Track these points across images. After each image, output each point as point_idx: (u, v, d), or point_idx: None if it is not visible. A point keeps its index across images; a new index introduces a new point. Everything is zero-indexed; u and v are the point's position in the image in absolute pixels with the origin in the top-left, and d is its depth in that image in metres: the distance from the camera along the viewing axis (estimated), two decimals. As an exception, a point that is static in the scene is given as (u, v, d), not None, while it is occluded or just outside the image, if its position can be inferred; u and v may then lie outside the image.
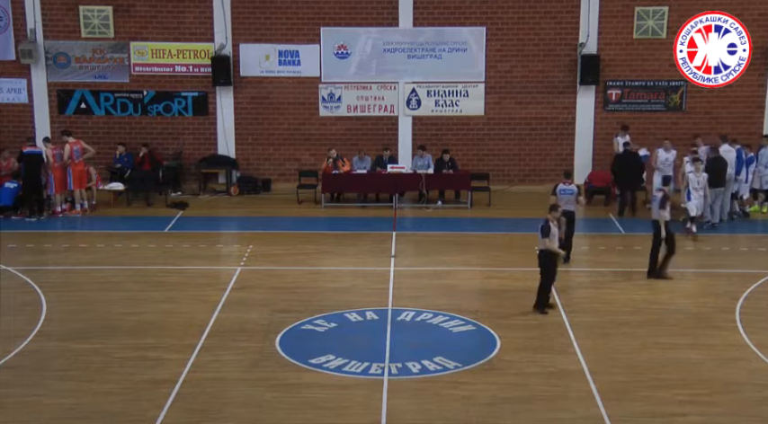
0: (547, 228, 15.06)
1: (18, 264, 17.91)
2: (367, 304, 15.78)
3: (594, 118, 24.60)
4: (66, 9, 24.24)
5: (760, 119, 24.36)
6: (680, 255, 18.43)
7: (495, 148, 24.85)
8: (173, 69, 24.63)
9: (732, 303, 15.70)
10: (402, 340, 14.15)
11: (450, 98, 24.63)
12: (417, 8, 24.18)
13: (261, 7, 24.29)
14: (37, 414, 11.78)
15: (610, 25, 24.07)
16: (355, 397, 12.22)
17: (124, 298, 16.15)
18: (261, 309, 15.48)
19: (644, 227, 20.38)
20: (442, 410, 11.87)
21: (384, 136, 24.65)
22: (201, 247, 19.40)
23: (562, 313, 15.33)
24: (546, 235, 15.03)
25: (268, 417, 11.73)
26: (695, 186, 19.65)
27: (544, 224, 15.09)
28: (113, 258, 18.59)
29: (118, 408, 11.91)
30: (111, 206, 23.02)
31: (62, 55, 24.45)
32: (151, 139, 24.68)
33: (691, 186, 19.64)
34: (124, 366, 13.20)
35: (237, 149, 24.98)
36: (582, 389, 12.51)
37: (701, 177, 19.78)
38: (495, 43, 24.31)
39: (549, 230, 15.04)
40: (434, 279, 17.28)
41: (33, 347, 13.92)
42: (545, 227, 15.06)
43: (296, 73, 24.57)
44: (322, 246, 19.78)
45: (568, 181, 18.34)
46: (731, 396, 12.27)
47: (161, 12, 24.31)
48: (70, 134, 22.51)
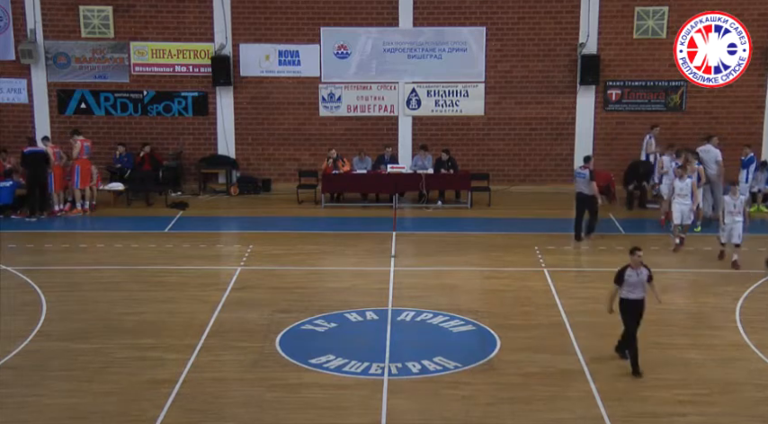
0: (619, 276, 13.00)
1: (18, 264, 17.91)
2: (367, 304, 15.78)
3: (594, 118, 24.60)
4: (66, 9, 24.22)
5: (760, 119, 24.35)
6: (680, 255, 18.46)
7: (495, 148, 24.85)
8: (173, 69, 24.63)
9: (732, 303, 15.70)
10: (402, 340, 14.15)
11: (450, 98, 24.63)
12: (417, 8, 24.17)
13: (261, 7, 24.29)
14: (37, 414, 11.78)
15: (610, 25, 24.07)
16: (355, 397, 12.23)
17: (124, 298, 16.15)
18: (261, 309, 15.48)
19: (644, 227, 20.44)
20: (442, 410, 11.87)
21: (384, 136, 24.64)
22: (201, 247, 19.40)
23: (562, 313, 15.33)
24: (617, 283, 13.01)
25: (268, 417, 11.74)
26: (731, 210, 17.90)
27: (620, 270, 13.03)
28: (113, 258, 18.59)
29: (118, 408, 11.92)
30: (111, 206, 23.01)
31: (62, 55, 24.45)
32: (151, 139, 24.66)
33: (726, 209, 18.08)
34: (124, 366, 13.21)
35: (237, 149, 24.97)
36: (582, 389, 12.51)
37: (738, 200, 17.95)
38: (495, 43, 24.31)
39: (620, 279, 12.97)
40: (434, 279, 17.27)
41: (33, 347, 13.92)
42: (618, 274, 13.00)
43: (296, 73, 24.57)
44: (322, 246, 19.78)
45: (585, 165, 19.59)
46: (731, 396, 12.28)
47: (161, 12, 24.31)
48: (80, 132, 22.65)
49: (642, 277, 12.93)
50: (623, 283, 12.90)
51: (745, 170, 22.21)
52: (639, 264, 12.94)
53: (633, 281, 12.89)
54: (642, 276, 12.93)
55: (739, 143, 23.12)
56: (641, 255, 12.99)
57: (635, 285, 12.91)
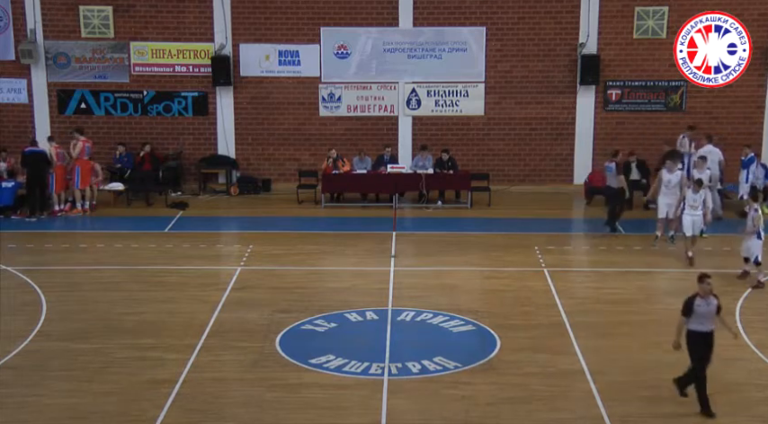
0: (687, 306, 11.83)
1: (18, 264, 17.90)
2: (367, 304, 15.78)
3: (594, 118, 24.60)
4: (66, 9, 24.22)
5: (760, 119, 24.36)
6: (680, 255, 18.44)
7: (495, 148, 24.85)
8: (173, 69, 24.62)
9: (732, 303, 15.68)
10: (402, 340, 14.15)
11: (450, 98, 24.62)
12: (417, 8, 24.17)
13: (261, 7, 24.29)
14: (37, 414, 11.79)
15: (610, 25, 24.07)
16: (355, 397, 12.23)
17: (124, 298, 16.15)
18: (261, 309, 15.48)
19: (644, 227, 20.42)
20: (442, 410, 11.87)
21: (384, 136, 24.64)
22: (201, 247, 19.40)
23: (562, 313, 15.32)
24: (685, 314, 11.84)
25: (268, 417, 11.74)
26: (691, 203, 18.14)
27: (688, 300, 11.88)
28: (113, 258, 18.59)
29: (118, 408, 11.92)
30: (111, 206, 23.01)
31: (62, 55, 24.44)
32: (151, 139, 24.65)
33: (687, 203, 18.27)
34: (124, 366, 13.21)
35: (237, 149, 24.97)
36: (582, 389, 12.51)
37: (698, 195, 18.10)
38: (495, 43, 24.30)
39: (689, 310, 11.79)
40: (434, 279, 17.27)
41: (33, 347, 13.92)
42: (687, 304, 11.84)
43: (296, 73, 24.56)
44: (322, 246, 19.77)
45: (612, 159, 20.28)
46: (731, 396, 12.27)
47: (161, 12, 24.31)
48: (83, 132, 22.65)
49: (711, 307, 11.78)
50: (692, 314, 11.75)
51: (746, 170, 22.19)
52: (709, 293, 11.78)
53: (702, 312, 11.71)
54: (712, 306, 11.79)
55: (739, 143, 23.12)
56: (711, 283, 11.80)
57: (704, 316, 11.73)
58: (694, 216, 18.13)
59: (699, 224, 18.29)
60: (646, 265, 18.13)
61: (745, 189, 22.14)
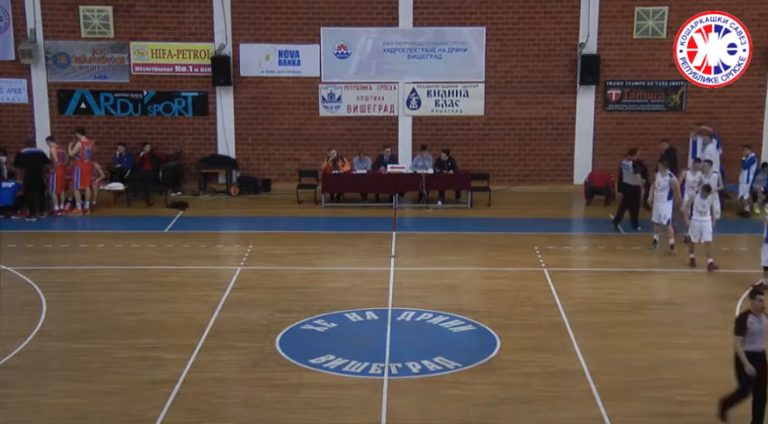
0: (740, 325, 11.12)
1: (18, 264, 17.90)
2: (367, 304, 15.78)
3: (594, 118, 24.59)
4: (66, 9, 24.22)
5: (760, 119, 24.35)
6: (680, 255, 18.43)
7: (495, 148, 24.84)
8: (173, 69, 24.62)
9: (732, 303, 15.68)
10: (402, 340, 14.15)
11: (450, 98, 24.62)
12: (417, 8, 24.17)
13: (261, 7, 24.29)
14: (37, 414, 11.78)
15: (610, 25, 24.06)
16: (355, 397, 12.23)
17: (124, 298, 16.15)
18: (261, 309, 15.48)
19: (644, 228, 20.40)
20: (442, 410, 11.87)
21: (384, 136, 24.64)
22: (201, 247, 19.40)
23: (562, 313, 15.32)
24: (738, 333, 11.09)
25: (268, 417, 11.74)
26: (700, 209, 17.73)
27: (740, 318, 11.26)
28: (113, 258, 18.59)
29: (118, 408, 11.92)
30: (111, 206, 22.99)
31: (62, 55, 24.44)
32: (151, 139, 24.65)
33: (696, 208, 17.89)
34: (124, 366, 13.21)
35: (237, 149, 24.97)
36: (582, 389, 12.51)
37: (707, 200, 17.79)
38: (495, 43, 24.30)
39: (743, 328, 11.06)
40: (434, 279, 17.27)
41: (33, 347, 13.92)
42: (739, 323, 11.15)
43: (296, 73, 24.56)
44: (322, 246, 19.78)
45: (629, 157, 20.68)
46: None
47: (161, 12, 24.30)
48: (84, 132, 22.63)
49: (763, 325, 11.11)
50: (745, 332, 11.04)
51: (746, 170, 22.20)
52: (761, 310, 11.12)
53: (756, 329, 11.03)
54: (763, 324, 11.11)
55: (739, 143, 23.15)
56: (763, 300, 11.15)
57: (757, 334, 11.05)
58: (703, 222, 17.67)
59: (708, 231, 17.70)
60: (646, 265, 18.12)
61: (745, 189, 22.17)
